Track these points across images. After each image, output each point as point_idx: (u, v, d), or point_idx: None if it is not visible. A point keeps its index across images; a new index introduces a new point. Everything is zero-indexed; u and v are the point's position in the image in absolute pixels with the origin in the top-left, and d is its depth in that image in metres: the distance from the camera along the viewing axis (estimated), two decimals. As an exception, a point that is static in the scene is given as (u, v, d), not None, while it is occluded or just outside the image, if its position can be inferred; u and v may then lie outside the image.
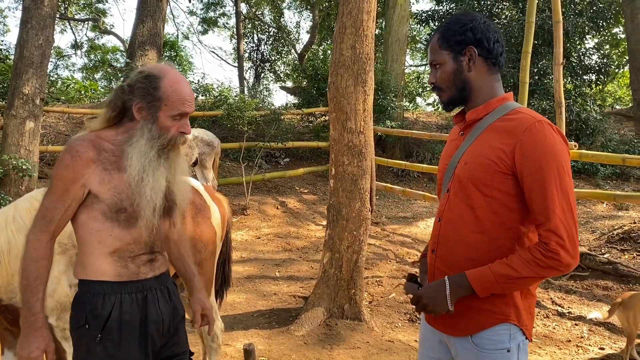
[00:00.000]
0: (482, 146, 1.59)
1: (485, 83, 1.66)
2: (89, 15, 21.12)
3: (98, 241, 1.68)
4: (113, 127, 1.75)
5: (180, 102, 1.72)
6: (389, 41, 11.64)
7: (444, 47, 1.65)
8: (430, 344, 1.76)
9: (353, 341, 3.95)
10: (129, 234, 1.70)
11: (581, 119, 10.38)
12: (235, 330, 4.12)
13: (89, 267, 1.70)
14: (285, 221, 7.96)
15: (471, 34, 1.62)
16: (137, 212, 1.68)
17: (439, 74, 1.67)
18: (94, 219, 1.67)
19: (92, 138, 1.70)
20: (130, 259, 1.73)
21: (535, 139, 1.49)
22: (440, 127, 12.79)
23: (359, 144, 4.23)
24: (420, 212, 8.67)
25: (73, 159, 1.64)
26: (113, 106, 1.73)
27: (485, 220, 1.57)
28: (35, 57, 6.73)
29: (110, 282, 1.70)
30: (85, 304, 1.69)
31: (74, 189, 1.65)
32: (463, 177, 1.61)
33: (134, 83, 1.72)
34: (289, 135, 9.70)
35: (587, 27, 10.82)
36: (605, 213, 8.22)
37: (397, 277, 5.42)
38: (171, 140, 1.73)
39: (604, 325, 4.25)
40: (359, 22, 4.11)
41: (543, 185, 1.48)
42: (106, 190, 1.66)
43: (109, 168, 1.67)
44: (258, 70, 18.88)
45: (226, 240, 3.20)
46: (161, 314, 1.78)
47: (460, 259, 1.61)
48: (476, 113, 1.66)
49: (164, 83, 1.70)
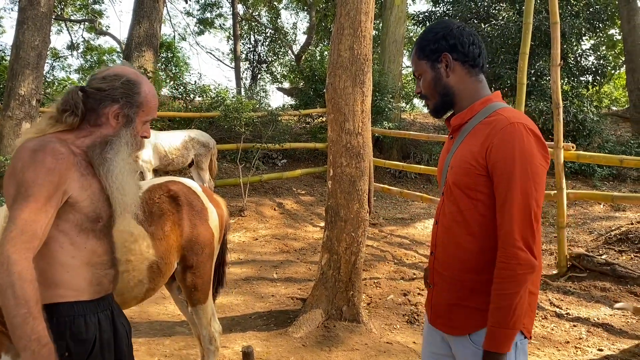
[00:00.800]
0: (464, 150, 1.64)
1: (467, 86, 1.70)
2: (85, 16, 21.07)
3: (72, 256, 1.54)
4: (70, 131, 1.63)
5: (153, 109, 1.72)
6: (386, 42, 11.65)
7: (422, 57, 1.72)
8: (434, 340, 1.80)
9: (351, 343, 3.94)
10: (102, 246, 1.61)
11: (578, 120, 10.41)
12: (233, 332, 4.10)
13: (65, 287, 1.54)
14: (282, 222, 7.94)
15: (444, 41, 1.68)
16: (111, 220, 1.63)
17: (422, 83, 1.74)
18: (64, 232, 1.52)
19: (60, 140, 1.56)
20: (103, 274, 1.63)
21: (505, 141, 1.52)
22: (438, 128, 12.80)
23: (357, 145, 4.22)
24: (417, 214, 8.67)
25: (58, 161, 1.48)
26: (75, 110, 1.61)
27: (473, 223, 1.61)
28: (31, 58, 6.71)
29: (88, 301, 1.58)
30: (64, 329, 1.52)
31: (57, 196, 1.47)
32: (450, 181, 1.66)
33: (110, 88, 1.63)
34: (286, 137, 9.68)
35: (583, 29, 10.85)
36: (603, 214, 8.23)
37: (395, 278, 5.41)
38: (141, 145, 1.73)
39: (602, 327, 4.25)
40: (357, 23, 4.10)
41: (506, 187, 1.52)
42: (86, 197, 1.55)
43: (85, 173, 1.57)
44: (255, 71, 18.85)
45: (223, 242, 3.18)
46: (125, 328, 1.74)
47: (455, 260, 1.66)
48: (460, 118, 1.71)
49: (144, 89, 1.68)
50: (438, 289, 1.73)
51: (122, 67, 1.72)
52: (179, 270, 2.85)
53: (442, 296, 1.71)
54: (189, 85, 12.04)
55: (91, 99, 1.63)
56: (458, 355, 1.69)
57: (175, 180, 2.92)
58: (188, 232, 2.79)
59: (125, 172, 1.63)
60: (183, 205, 2.79)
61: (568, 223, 6.74)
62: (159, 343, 3.88)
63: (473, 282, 1.63)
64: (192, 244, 2.81)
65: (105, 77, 1.66)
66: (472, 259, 1.62)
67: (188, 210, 2.81)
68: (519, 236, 1.50)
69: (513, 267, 1.50)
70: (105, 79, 1.66)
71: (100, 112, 1.63)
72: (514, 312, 1.50)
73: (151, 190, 2.77)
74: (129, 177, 1.65)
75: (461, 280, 1.65)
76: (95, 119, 1.63)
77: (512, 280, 1.50)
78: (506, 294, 1.50)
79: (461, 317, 1.66)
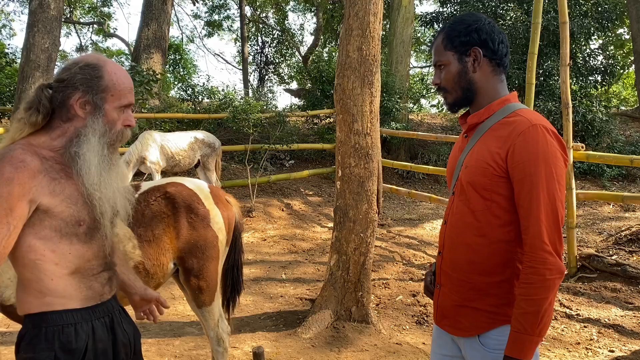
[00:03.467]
0: (481, 150, 1.60)
1: (490, 84, 1.66)
2: (94, 19, 21.21)
3: (55, 263, 1.46)
4: (42, 132, 1.53)
5: (126, 91, 1.55)
6: (393, 43, 11.64)
7: (449, 48, 1.65)
8: (444, 342, 1.77)
9: (361, 344, 3.93)
10: (90, 249, 1.51)
11: (587, 120, 10.35)
12: (243, 332, 4.11)
13: (51, 295, 1.47)
14: (290, 223, 7.95)
15: (476, 34, 1.62)
16: (96, 222, 1.51)
17: (444, 75, 1.67)
18: (44, 239, 1.44)
19: (26, 146, 1.46)
20: (93, 278, 1.54)
21: (527, 144, 1.49)
22: (445, 129, 12.77)
23: (366, 146, 4.23)
24: (426, 214, 8.65)
25: (17, 170, 1.38)
26: (39, 107, 1.50)
27: (485, 224, 1.58)
28: (41, 61, 6.77)
29: (79, 309, 1.50)
30: (53, 339, 1.45)
31: (19, 207, 1.38)
32: (464, 180, 1.62)
33: (69, 76, 1.51)
34: (293, 138, 9.70)
35: (592, 28, 10.79)
36: (612, 214, 8.18)
37: (403, 279, 5.41)
38: (118, 135, 1.57)
39: (613, 328, 4.22)
40: (366, 23, 4.10)
41: (530, 190, 1.48)
42: (59, 202, 1.44)
43: (57, 177, 1.46)
44: (262, 72, 18.90)
45: (235, 245, 3.17)
46: (128, 336, 1.65)
47: (465, 262, 1.63)
48: (477, 117, 1.67)
49: (107, 71, 1.53)
50: (445, 289, 1.70)
51: (85, 54, 1.60)
52: (181, 273, 2.86)
53: (449, 297, 1.69)
54: (197, 87, 12.09)
55: (57, 93, 1.51)
56: (468, 358, 1.66)
57: (176, 182, 2.91)
58: (186, 234, 2.79)
59: (100, 167, 1.51)
60: (180, 208, 2.79)
61: (577, 223, 6.71)
62: (168, 343, 3.90)
63: (482, 283, 1.60)
64: (191, 246, 2.80)
65: (65, 66, 1.56)
66: (482, 261, 1.59)
67: (186, 213, 2.80)
68: (547, 240, 1.47)
69: (542, 272, 1.46)
70: (66, 68, 1.55)
71: (67, 105, 1.51)
72: (542, 319, 1.46)
73: (148, 192, 2.78)
74: (106, 172, 1.53)
75: (470, 282, 1.62)
76: (65, 113, 1.52)
77: (541, 285, 1.45)
78: (534, 300, 1.46)
79: (468, 318, 1.63)
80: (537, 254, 1.47)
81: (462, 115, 1.76)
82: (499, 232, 1.57)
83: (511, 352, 1.48)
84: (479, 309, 1.61)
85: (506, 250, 1.57)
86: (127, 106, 1.58)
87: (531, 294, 1.47)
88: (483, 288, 1.60)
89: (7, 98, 7.94)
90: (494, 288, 1.59)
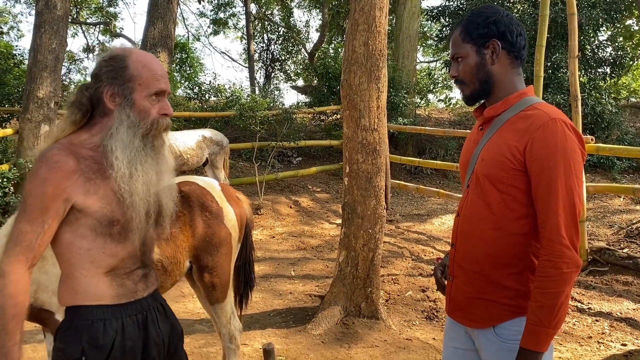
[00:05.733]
0: (498, 143, 1.59)
1: (507, 77, 1.65)
2: (100, 19, 21.28)
3: (90, 261, 1.48)
4: (84, 129, 1.54)
5: (154, 79, 1.52)
6: (399, 38, 11.58)
7: (467, 40, 1.64)
8: (457, 334, 1.77)
9: (371, 340, 3.93)
10: (124, 249, 1.52)
11: (596, 112, 10.26)
12: (253, 329, 4.12)
13: (83, 292, 1.50)
14: (298, 220, 7.95)
15: (494, 26, 1.61)
16: (129, 221, 1.49)
17: (462, 67, 1.66)
18: (82, 236, 1.47)
19: (66, 145, 1.48)
20: (126, 277, 1.55)
21: (547, 138, 1.49)
22: (453, 124, 12.71)
23: (373, 142, 4.21)
24: (434, 209, 8.62)
25: (51, 170, 1.41)
26: (79, 105, 1.52)
27: (501, 217, 1.58)
28: (49, 61, 6.79)
29: (110, 305, 1.51)
30: (82, 333, 1.48)
31: (54, 206, 1.42)
32: (480, 173, 1.62)
33: (98, 71, 1.52)
34: (301, 134, 9.70)
35: (600, 19, 10.68)
36: (623, 207, 8.11)
37: (413, 274, 5.39)
38: (153, 125, 1.53)
39: (625, 321, 4.18)
40: (372, 18, 4.08)
41: (549, 184, 1.48)
42: (94, 202, 1.45)
43: (92, 177, 1.47)
44: (268, 70, 18.88)
45: (246, 241, 3.19)
46: (162, 335, 1.63)
47: (479, 255, 1.63)
48: (494, 110, 1.66)
49: (132, 60, 1.51)
50: (459, 281, 1.70)
51: (113, 47, 1.59)
52: (195, 270, 2.87)
53: (463, 289, 1.69)
54: (204, 85, 12.09)
55: (93, 90, 1.52)
56: (483, 350, 1.66)
57: (189, 180, 2.93)
58: (201, 232, 2.80)
59: (131, 159, 1.48)
60: (194, 206, 2.80)
61: (588, 217, 6.65)
62: (179, 341, 3.91)
63: (497, 276, 1.61)
64: (206, 244, 2.82)
65: (96, 63, 1.57)
66: (497, 254, 1.59)
67: (200, 211, 2.82)
68: (565, 233, 1.47)
69: (559, 266, 1.46)
70: (96, 64, 1.56)
71: (102, 101, 1.51)
72: (558, 312, 1.47)
73: None
74: (140, 164, 1.50)
75: (484, 274, 1.62)
76: (102, 109, 1.52)
77: (558, 278, 1.46)
78: (551, 293, 1.46)
79: (482, 310, 1.63)
80: (555, 247, 1.47)
81: (477, 108, 1.75)
82: (515, 225, 1.57)
83: (527, 344, 1.49)
84: (493, 301, 1.61)
85: (521, 243, 1.57)
86: (160, 94, 1.55)
87: (548, 287, 1.47)
88: (498, 280, 1.60)
89: (15, 99, 7.98)
90: (509, 280, 1.59)
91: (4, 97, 7.99)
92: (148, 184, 1.52)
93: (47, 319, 2.47)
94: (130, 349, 1.53)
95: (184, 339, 1.77)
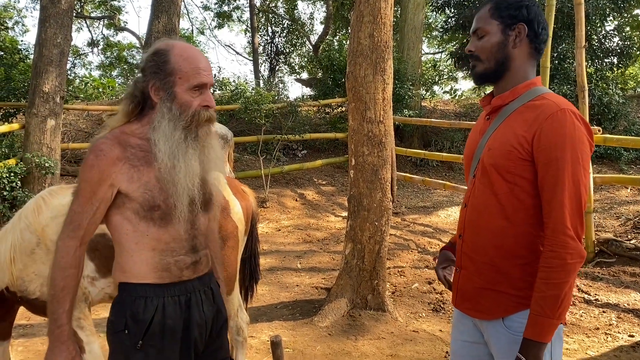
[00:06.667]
0: (506, 132, 1.58)
1: (523, 65, 1.64)
2: (105, 13, 21.28)
3: (135, 243, 1.58)
4: (137, 120, 1.64)
5: (194, 72, 1.57)
6: (404, 29, 11.52)
7: (495, 17, 1.62)
8: (465, 327, 1.76)
9: (377, 332, 3.94)
10: (167, 233, 1.58)
11: (603, 103, 10.18)
12: (260, 322, 4.14)
13: (129, 270, 1.60)
14: (304, 213, 7.96)
15: (525, 11, 1.61)
16: (171, 208, 1.56)
17: (482, 43, 1.64)
18: (127, 220, 1.57)
19: (116, 135, 1.59)
20: (171, 259, 1.61)
21: (555, 128, 1.48)
22: (459, 115, 12.65)
23: (379, 134, 4.20)
24: (440, 202, 8.60)
25: (97, 158, 1.53)
26: (131, 97, 1.62)
27: (508, 207, 1.57)
28: (54, 56, 6.80)
29: (152, 284, 1.59)
30: (126, 307, 1.58)
31: (101, 191, 1.54)
32: (487, 163, 1.61)
33: (144, 66, 1.61)
34: (306, 127, 9.68)
35: (607, 9, 10.58)
36: (630, 198, 8.06)
37: (419, 267, 5.39)
38: (194, 116, 1.58)
39: (633, 313, 4.17)
40: (377, 9, 4.06)
41: (556, 174, 1.48)
42: (136, 188, 1.54)
43: (137, 164, 1.56)
44: (273, 63, 18.84)
45: (252, 234, 3.19)
46: (204, 317, 1.68)
47: (488, 245, 1.62)
48: (502, 99, 1.65)
49: (173, 55, 1.58)
50: (467, 272, 1.69)
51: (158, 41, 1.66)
52: None
53: (471, 280, 1.68)
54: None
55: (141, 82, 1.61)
56: (491, 342, 1.65)
57: None
58: None
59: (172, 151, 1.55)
60: None
61: (595, 208, 6.62)
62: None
63: (507, 266, 1.60)
64: None
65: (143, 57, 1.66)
66: (505, 244, 1.59)
67: None
68: (570, 224, 1.47)
69: (563, 256, 1.46)
70: (142, 59, 1.65)
71: (149, 94, 1.60)
72: (561, 302, 1.46)
73: None
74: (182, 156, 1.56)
75: (493, 265, 1.61)
76: (150, 102, 1.61)
77: (562, 269, 1.46)
78: (554, 283, 1.46)
79: (491, 300, 1.62)
80: (559, 237, 1.47)
81: (485, 97, 1.74)
82: (523, 215, 1.56)
83: (531, 335, 1.49)
84: (502, 291, 1.60)
85: (530, 234, 1.57)
86: (201, 86, 1.59)
87: (552, 278, 1.47)
88: (507, 271, 1.60)
89: (21, 94, 8.00)
90: (518, 271, 1.58)
91: (10, 92, 8.01)
92: (191, 174, 1.58)
93: None
94: (170, 327, 1.59)
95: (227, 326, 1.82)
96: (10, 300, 2.57)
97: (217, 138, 1.76)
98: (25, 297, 2.49)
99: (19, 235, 2.49)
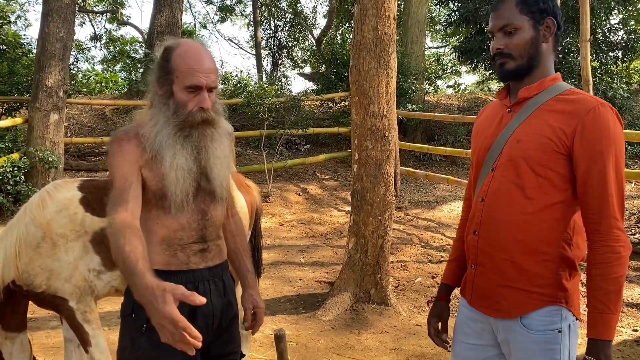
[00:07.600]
0: (538, 124, 1.55)
1: (548, 59, 1.62)
2: (107, 7, 21.25)
3: (147, 230, 1.61)
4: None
5: (190, 73, 1.57)
6: (408, 23, 11.47)
7: (525, 12, 1.57)
8: (472, 330, 1.70)
9: (380, 326, 3.94)
10: (176, 221, 1.63)
11: (607, 97, 10.14)
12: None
13: None
14: (307, 207, 7.96)
15: (551, 4, 1.58)
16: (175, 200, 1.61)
17: (514, 40, 1.58)
18: (143, 207, 1.61)
19: (133, 127, 1.65)
20: (179, 248, 1.65)
21: (598, 123, 1.47)
22: (462, 110, 12.61)
23: (383, 128, 4.19)
24: (443, 196, 8.59)
25: (119, 145, 1.59)
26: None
27: (535, 201, 1.53)
28: (57, 50, 6.80)
29: (159, 270, 1.59)
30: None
31: (132, 170, 1.58)
32: (515, 155, 1.56)
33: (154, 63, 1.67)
34: (309, 122, 9.66)
35: (612, 2, 10.51)
36: (634, 192, 8.04)
37: (422, 261, 5.39)
38: (188, 117, 1.60)
39: (636, 307, 4.17)
40: (381, 3, 4.04)
41: (602, 169, 1.47)
42: (152, 176, 1.60)
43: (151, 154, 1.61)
44: (275, 57, 18.79)
45: (255, 228, 3.19)
46: (212, 307, 1.69)
47: (509, 241, 1.56)
48: (528, 91, 1.61)
49: (175, 54, 1.60)
50: (483, 270, 1.63)
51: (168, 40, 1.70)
52: None
53: (488, 277, 1.62)
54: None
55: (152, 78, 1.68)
56: (510, 342, 1.59)
57: None
58: None
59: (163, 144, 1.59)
60: None
61: (599, 203, 6.60)
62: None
63: (528, 263, 1.54)
64: None
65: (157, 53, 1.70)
66: (528, 239, 1.54)
67: None
68: (620, 217, 1.47)
69: (618, 250, 1.45)
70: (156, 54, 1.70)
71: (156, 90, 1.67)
72: (620, 296, 1.47)
73: None
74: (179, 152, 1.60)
75: (514, 261, 1.56)
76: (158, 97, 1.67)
77: (619, 262, 1.45)
78: (614, 278, 1.45)
79: (510, 299, 1.57)
80: (613, 232, 1.47)
81: (501, 90, 1.71)
82: (549, 210, 1.53)
83: (598, 334, 1.46)
84: (523, 289, 1.55)
85: (554, 229, 1.53)
86: (195, 87, 1.59)
87: (611, 273, 1.46)
88: (528, 268, 1.55)
89: (24, 88, 8.00)
90: (539, 268, 1.54)
91: (13, 86, 8.02)
92: (182, 169, 1.60)
93: (61, 305, 2.50)
94: None
95: (238, 320, 1.83)
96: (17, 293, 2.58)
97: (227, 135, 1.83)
98: (31, 291, 2.50)
99: (24, 229, 2.49)
